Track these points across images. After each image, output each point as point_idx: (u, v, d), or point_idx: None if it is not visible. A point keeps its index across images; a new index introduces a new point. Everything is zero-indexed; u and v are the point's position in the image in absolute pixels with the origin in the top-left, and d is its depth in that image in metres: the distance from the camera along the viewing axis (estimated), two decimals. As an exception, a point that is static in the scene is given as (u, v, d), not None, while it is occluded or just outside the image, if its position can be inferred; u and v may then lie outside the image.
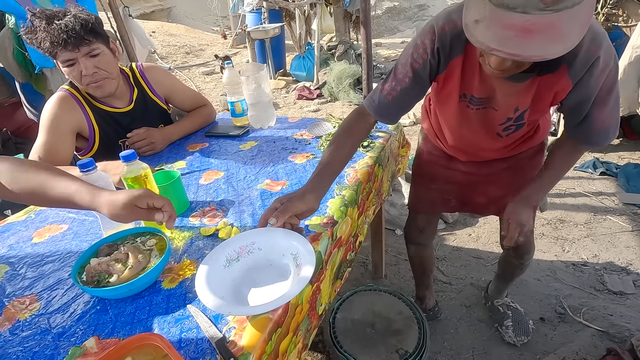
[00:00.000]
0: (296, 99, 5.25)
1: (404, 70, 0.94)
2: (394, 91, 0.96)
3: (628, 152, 3.22)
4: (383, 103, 0.98)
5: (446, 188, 1.34)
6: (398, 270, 2.06)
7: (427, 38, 0.89)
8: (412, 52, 0.92)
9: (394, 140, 1.53)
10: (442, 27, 0.87)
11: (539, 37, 0.63)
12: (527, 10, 0.62)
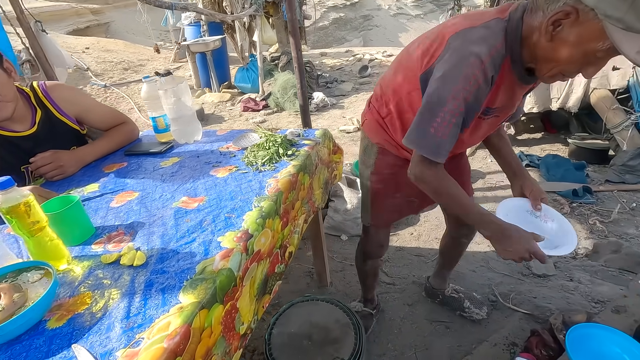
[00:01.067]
0: (242, 111, 5.17)
1: (454, 107, 0.90)
2: (447, 129, 0.92)
3: (549, 144, 3.53)
4: (443, 145, 0.94)
5: (409, 191, 1.32)
6: (344, 277, 2.06)
7: (476, 69, 0.88)
8: (462, 87, 0.88)
9: (323, 147, 1.54)
10: (489, 55, 0.88)
11: None
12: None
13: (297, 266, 2.14)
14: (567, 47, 0.84)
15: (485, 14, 0.95)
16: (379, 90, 1.22)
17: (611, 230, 2.19)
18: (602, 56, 0.84)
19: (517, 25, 0.90)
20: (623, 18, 0.74)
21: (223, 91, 5.88)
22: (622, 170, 2.60)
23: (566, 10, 0.79)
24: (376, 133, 1.25)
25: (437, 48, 0.94)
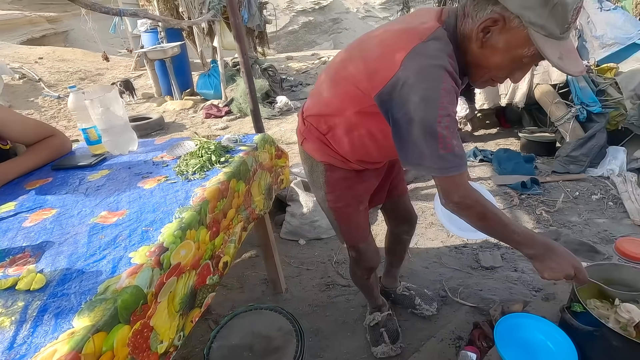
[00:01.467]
0: (204, 118, 5.07)
1: (448, 122, 0.85)
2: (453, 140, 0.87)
3: (503, 139, 3.65)
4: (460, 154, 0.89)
5: (367, 196, 1.32)
6: (300, 282, 2.03)
7: (449, 81, 0.86)
8: (446, 101, 0.85)
9: (262, 152, 1.51)
10: (450, 65, 0.87)
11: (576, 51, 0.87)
12: (569, 36, 0.83)
13: (254, 274, 2.10)
14: (497, 53, 0.86)
15: (424, 25, 0.93)
16: (314, 105, 1.16)
17: (556, 219, 2.29)
18: (528, 62, 0.88)
19: (453, 33, 0.92)
20: (545, 25, 0.78)
21: (185, 98, 5.76)
22: (566, 161, 2.72)
23: (494, 17, 0.81)
24: (320, 152, 1.18)
25: (388, 69, 0.89)
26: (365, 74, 0.94)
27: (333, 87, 1.06)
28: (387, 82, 0.88)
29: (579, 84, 2.68)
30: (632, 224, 2.16)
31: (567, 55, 0.82)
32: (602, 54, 2.75)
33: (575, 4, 0.77)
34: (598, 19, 2.77)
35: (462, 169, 0.89)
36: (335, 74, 1.06)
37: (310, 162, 1.24)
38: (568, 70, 0.83)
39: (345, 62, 1.03)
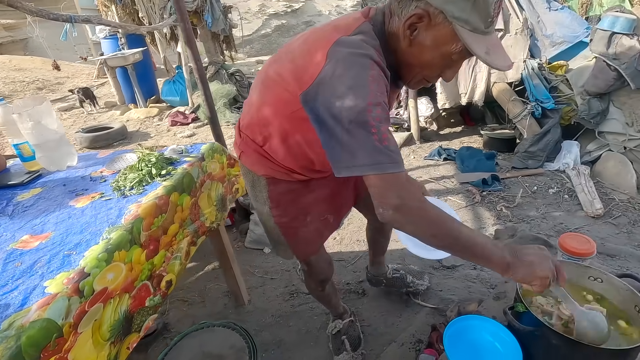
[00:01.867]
0: (170, 125, 4.92)
1: (379, 112, 0.77)
2: (389, 134, 0.79)
3: (467, 136, 3.73)
4: (396, 151, 0.80)
5: (319, 210, 1.22)
6: (264, 292, 1.98)
7: (376, 69, 0.80)
8: (375, 90, 0.78)
9: (212, 162, 1.46)
10: (377, 56, 0.82)
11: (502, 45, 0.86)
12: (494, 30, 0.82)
13: (216, 286, 2.03)
14: (426, 51, 0.83)
15: (352, 21, 0.90)
16: (247, 114, 1.09)
17: (515, 214, 2.34)
18: (457, 58, 0.85)
19: (381, 30, 0.89)
20: (468, 19, 0.76)
21: (150, 106, 5.57)
22: (524, 157, 2.79)
23: (418, 13, 0.79)
24: (259, 164, 1.10)
25: (316, 64, 0.83)
26: (292, 74, 0.89)
27: (264, 92, 1.00)
28: (314, 79, 0.82)
29: (533, 81, 2.77)
30: (585, 215, 2.23)
31: (494, 50, 0.81)
32: (552, 52, 2.86)
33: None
34: (547, 19, 2.88)
35: (401, 167, 0.79)
36: (266, 78, 0.99)
37: (251, 176, 1.16)
38: (496, 65, 0.81)
39: (274, 64, 0.98)
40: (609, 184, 2.48)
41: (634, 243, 1.96)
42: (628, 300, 0.98)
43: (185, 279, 2.14)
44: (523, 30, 2.82)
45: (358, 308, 1.77)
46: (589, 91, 2.60)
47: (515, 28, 2.84)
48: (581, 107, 2.64)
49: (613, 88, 2.54)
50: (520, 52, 2.85)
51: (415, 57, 0.86)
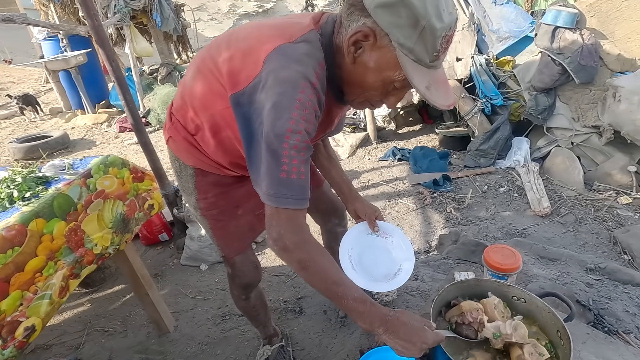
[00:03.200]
0: (118, 132, 4.63)
1: (297, 140, 0.74)
2: (301, 167, 0.75)
3: (425, 135, 3.66)
4: (303, 187, 0.77)
5: (252, 204, 1.15)
6: (193, 316, 1.80)
7: (310, 93, 0.75)
8: (299, 116, 0.73)
9: (105, 178, 1.27)
10: (316, 76, 0.76)
11: (448, 83, 0.81)
12: (441, 65, 0.78)
13: (141, 313, 1.83)
14: (369, 72, 0.77)
15: (299, 25, 0.82)
16: (181, 100, 0.99)
17: (464, 216, 2.26)
18: (400, 87, 0.79)
19: (329, 42, 0.81)
20: (413, 49, 0.71)
21: (99, 112, 5.24)
22: (476, 155, 2.73)
23: (364, 31, 0.72)
24: (188, 154, 1.02)
25: (251, 67, 0.78)
26: (227, 69, 0.82)
27: (198, 77, 0.91)
28: (249, 82, 0.77)
29: (481, 77, 2.71)
30: (533, 215, 2.18)
31: (436, 85, 0.75)
32: (499, 48, 2.82)
33: (444, 31, 0.70)
34: (493, 13, 2.83)
35: (300, 204, 0.77)
36: (202, 63, 0.90)
37: (178, 164, 1.07)
38: (435, 102, 0.75)
39: (213, 49, 0.89)
40: (557, 181, 2.45)
41: (580, 242, 1.91)
42: (550, 323, 0.87)
43: (108, 305, 1.93)
44: (470, 25, 2.75)
45: (293, 329, 1.63)
46: (535, 86, 2.56)
47: (462, 23, 2.77)
48: (529, 103, 2.60)
49: (559, 83, 2.51)
50: (467, 48, 2.78)
51: (358, 77, 0.79)
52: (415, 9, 0.67)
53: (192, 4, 8.71)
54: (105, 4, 4.71)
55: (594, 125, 2.45)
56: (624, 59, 2.40)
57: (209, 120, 0.92)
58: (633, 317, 1.26)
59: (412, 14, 0.67)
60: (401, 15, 0.68)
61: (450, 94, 0.79)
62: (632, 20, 2.44)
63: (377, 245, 1.16)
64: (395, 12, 0.68)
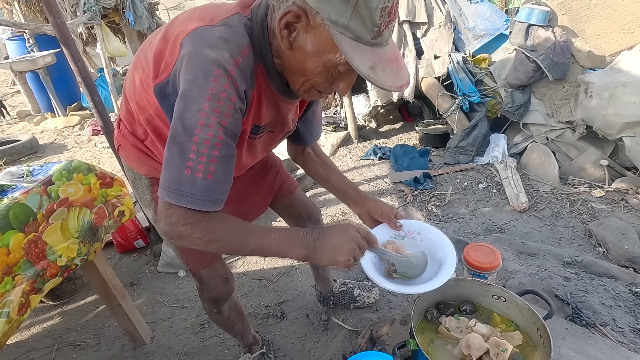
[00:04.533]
0: (91, 135, 4.45)
1: (210, 135, 0.67)
2: (212, 166, 0.68)
3: (405, 133, 3.67)
4: (213, 188, 0.70)
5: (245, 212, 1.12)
6: (171, 325, 1.73)
7: (224, 82, 0.67)
8: (211, 108, 0.66)
9: (69, 185, 1.19)
10: (234, 63, 0.68)
11: (402, 61, 0.73)
12: (388, 42, 0.70)
13: (116, 324, 1.74)
14: (308, 57, 0.70)
15: (223, 7, 0.74)
16: (125, 103, 0.91)
17: (445, 213, 2.27)
18: (345, 70, 0.71)
19: (262, 27, 0.73)
20: (349, 26, 0.63)
21: (71, 114, 5.04)
22: (455, 152, 2.75)
23: (294, 11, 0.65)
24: (140, 162, 0.95)
25: (169, 54, 0.73)
26: (153, 59, 0.76)
27: (134, 76, 0.83)
28: (170, 70, 0.72)
29: (459, 75, 2.73)
30: (512, 210, 2.21)
31: (383, 65, 0.67)
32: (476, 45, 2.85)
33: (382, 2, 0.62)
34: (469, 11, 2.86)
35: (202, 205, 0.70)
36: (137, 60, 0.83)
37: (132, 174, 1.01)
38: (382, 83, 0.67)
39: (147, 42, 0.82)
40: (534, 176, 2.49)
41: (556, 236, 1.94)
42: (530, 321, 0.87)
43: (80, 318, 1.83)
44: (446, 23, 2.77)
45: (275, 335, 1.59)
46: (511, 83, 2.60)
47: (439, 21, 2.79)
48: (505, 100, 2.64)
49: (533, 80, 2.56)
50: (445, 46, 2.80)
51: (297, 63, 0.72)
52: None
53: (168, 3, 8.49)
54: (74, 2, 4.52)
55: (567, 120, 2.51)
56: (594, 56, 2.47)
57: (149, 122, 0.85)
58: (609, 309, 1.29)
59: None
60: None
61: (401, 74, 0.70)
62: (601, 18, 2.51)
63: (406, 247, 1.00)
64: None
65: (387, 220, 1.04)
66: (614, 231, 1.76)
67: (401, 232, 1.03)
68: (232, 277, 1.18)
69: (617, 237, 1.71)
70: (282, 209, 1.36)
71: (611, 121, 2.20)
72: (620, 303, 1.33)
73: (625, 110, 2.13)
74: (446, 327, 0.90)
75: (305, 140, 1.11)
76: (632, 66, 2.23)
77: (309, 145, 1.16)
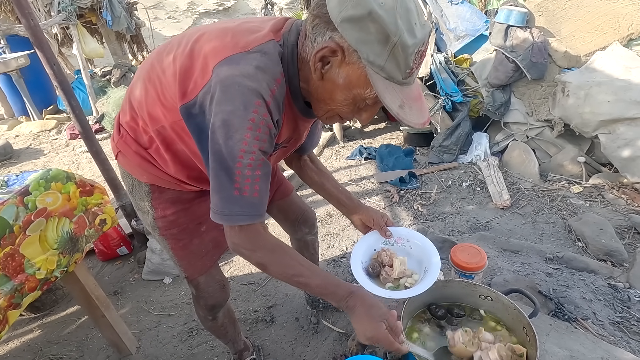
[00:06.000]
0: (69, 139, 4.32)
1: (252, 159, 0.72)
2: (256, 185, 0.74)
3: (390, 132, 3.70)
4: (258, 204, 0.76)
5: None
6: (158, 334, 1.69)
7: (263, 112, 0.71)
8: (253, 137, 0.71)
9: (47, 194, 1.15)
10: (271, 94, 0.72)
11: (423, 99, 0.77)
12: (414, 81, 0.74)
13: (99, 335, 1.69)
14: (338, 89, 0.73)
15: (256, 32, 0.75)
16: (129, 110, 0.90)
17: (431, 212, 2.30)
18: (372, 103, 0.75)
19: (292, 53, 0.76)
20: (384, 67, 0.67)
21: (47, 118, 4.88)
22: (440, 151, 2.79)
23: (331, 46, 0.68)
24: (141, 170, 0.94)
25: (199, 75, 0.74)
26: (175, 77, 0.77)
27: (147, 86, 0.84)
28: (199, 92, 0.73)
29: (441, 75, 2.77)
30: (495, 207, 2.25)
31: (410, 103, 0.72)
32: (457, 46, 2.90)
33: (417, 46, 0.66)
34: (450, 12, 2.91)
35: (253, 219, 0.77)
36: (151, 69, 0.83)
37: (131, 180, 1.00)
38: (409, 121, 0.72)
39: (162, 55, 0.82)
40: (515, 173, 2.55)
41: (538, 232, 1.99)
42: (516, 320, 0.89)
43: (61, 330, 1.78)
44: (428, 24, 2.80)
45: (264, 340, 1.58)
46: (491, 83, 2.65)
47: (421, 22, 2.82)
48: (486, 99, 2.69)
49: (513, 79, 2.62)
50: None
51: (327, 93, 0.76)
52: (385, 25, 0.63)
53: (147, 2, 8.31)
54: (48, 2, 4.37)
55: (546, 119, 2.58)
56: (570, 56, 2.54)
57: (159, 132, 0.86)
58: (589, 303, 1.33)
59: (382, 29, 0.63)
60: (370, 31, 0.64)
61: (424, 111, 0.76)
62: (576, 19, 2.59)
63: (397, 253, 1.06)
64: (364, 28, 0.64)
65: (378, 228, 1.10)
66: (592, 226, 1.82)
67: (391, 239, 1.09)
68: (227, 283, 1.18)
69: (595, 232, 1.77)
70: (277, 212, 1.35)
71: (587, 119, 2.27)
72: (599, 297, 1.38)
73: (600, 108, 2.20)
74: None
75: (305, 148, 1.12)
76: (605, 66, 2.31)
77: (307, 153, 1.17)
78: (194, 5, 14.66)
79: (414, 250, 1.06)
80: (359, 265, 0.99)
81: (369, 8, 0.62)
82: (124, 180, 1.03)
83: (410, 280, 0.96)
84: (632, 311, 1.31)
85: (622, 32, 2.42)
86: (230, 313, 1.29)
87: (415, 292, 0.89)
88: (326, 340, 1.46)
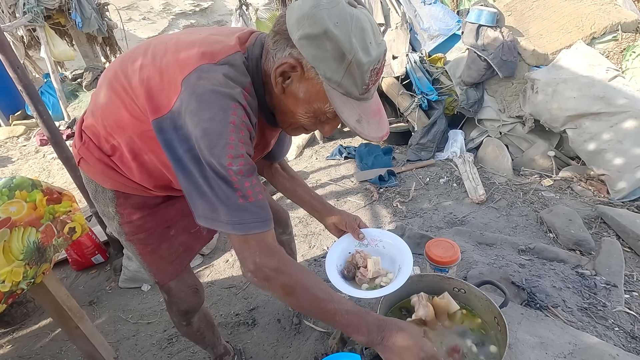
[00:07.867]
0: (39, 145, 4.16)
1: (241, 164, 0.70)
2: (254, 188, 0.72)
3: (369, 132, 3.74)
4: (263, 206, 0.73)
5: (186, 222, 1.06)
6: (136, 342, 1.66)
7: (242, 114, 0.71)
8: (237, 140, 0.70)
9: (11, 204, 1.10)
10: (244, 97, 0.72)
11: (383, 113, 0.80)
12: (373, 95, 0.76)
13: (75, 347, 1.64)
14: (299, 103, 0.75)
15: (222, 44, 0.75)
16: (92, 117, 0.88)
17: (410, 209, 2.33)
18: (332, 117, 0.77)
19: (257, 66, 0.78)
20: (341, 83, 0.69)
21: (14, 124, 4.69)
22: (417, 149, 2.84)
23: (291, 62, 0.70)
24: (104, 176, 0.92)
25: (170, 89, 0.72)
26: (144, 90, 0.75)
27: (110, 94, 0.82)
28: (171, 107, 0.71)
29: (417, 74, 2.82)
30: (471, 202, 2.31)
31: (368, 118, 0.74)
32: (431, 45, 2.97)
33: (372, 64, 0.69)
34: (423, 12, 2.97)
35: (266, 225, 0.74)
36: (114, 78, 0.81)
37: (94, 186, 0.97)
38: (366, 135, 0.74)
39: (126, 64, 0.80)
40: (490, 169, 2.63)
41: (512, 225, 2.06)
42: (488, 310, 0.92)
43: (34, 344, 1.71)
44: (402, 24, 2.85)
45: (246, 343, 1.56)
46: (465, 81, 2.72)
47: (395, 22, 2.87)
48: (461, 97, 2.76)
49: (485, 77, 2.69)
50: (402, 46, 2.88)
51: (289, 106, 0.77)
52: (340, 43, 0.66)
53: (120, 3, 8.10)
54: (12, 3, 4.19)
55: (517, 115, 2.67)
56: (538, 54, 2.64)
57: (126, 142, 0.84)
58: (559, 291, 1.38)
59: (337, 47, 0.66)
60: (326, 49, 0.67)
61: (383, 125, 0.77)
62: (542, 19, 2.69)
63: (371, 254, 1.07)
64: (320, 45, 0.67)
65: (351, 230, 1.12)
66: (562, 217, 1.89)
67: (365, 241, 1.11)
68: (202, 287, 1.16)
69: (565, 222, 1.85)
70: None
71: (555, 115, 2.36)
72: (569, 285, 1.44)
73: (566, 104, 2.30)
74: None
75: (275, 156, 1.13)
76: (571, 63, 2.41)
77: (277, 161, 1.18)
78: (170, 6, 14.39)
79: (387, 250, 1.08)
80: (334, 268, 1.01)
81: (325, 27, 0.65)
82: (87, 186, 1.00)
83: (385, 279, 0.98)
84: (598, 297, 1.38)
85: (585, 31, 2.53)
86: (207, 318, 1.26)
87: (389, 289, 0.91)
88: (308, 340, 1.47)
